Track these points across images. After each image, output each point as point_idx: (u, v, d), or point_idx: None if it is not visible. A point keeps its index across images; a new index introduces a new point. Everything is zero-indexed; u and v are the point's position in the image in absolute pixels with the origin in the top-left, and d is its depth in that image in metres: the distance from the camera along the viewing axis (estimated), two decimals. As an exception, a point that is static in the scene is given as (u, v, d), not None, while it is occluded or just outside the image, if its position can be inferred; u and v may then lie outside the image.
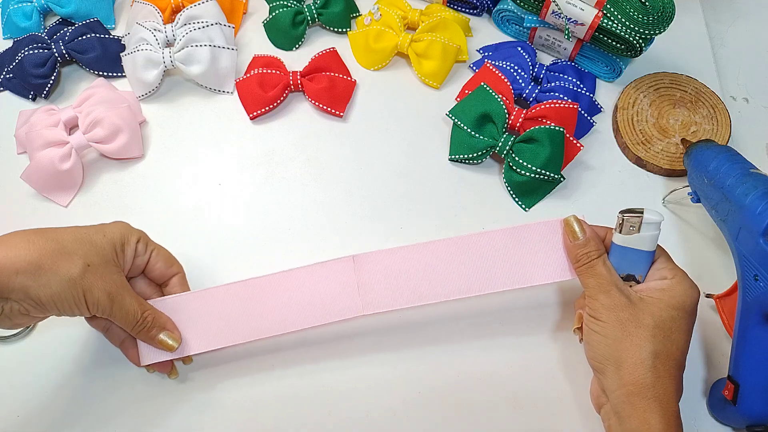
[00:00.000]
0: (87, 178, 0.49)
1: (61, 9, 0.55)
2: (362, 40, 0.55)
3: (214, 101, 0.53)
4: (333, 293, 0.39)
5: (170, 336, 0.38)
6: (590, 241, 0.37)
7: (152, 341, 0.38)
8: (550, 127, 0.46)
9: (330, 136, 0.52)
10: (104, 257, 0.36)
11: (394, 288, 0.39)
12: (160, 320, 0.38)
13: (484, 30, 0.57)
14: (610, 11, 0.48)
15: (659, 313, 0.35)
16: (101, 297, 0.35)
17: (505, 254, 0.39)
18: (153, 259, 0.39)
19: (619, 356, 0.35)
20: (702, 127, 0.51)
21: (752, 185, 0.38)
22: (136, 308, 0.37)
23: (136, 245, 0.38)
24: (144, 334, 0.38)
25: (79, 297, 0.34)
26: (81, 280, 0.34)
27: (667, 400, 0.34)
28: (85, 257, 0.34)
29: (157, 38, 0.51)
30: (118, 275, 0.36)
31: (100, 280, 0.35)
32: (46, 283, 0.33)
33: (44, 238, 0.34)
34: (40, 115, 0.49)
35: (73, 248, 0.34)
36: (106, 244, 0.36)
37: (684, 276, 0.37)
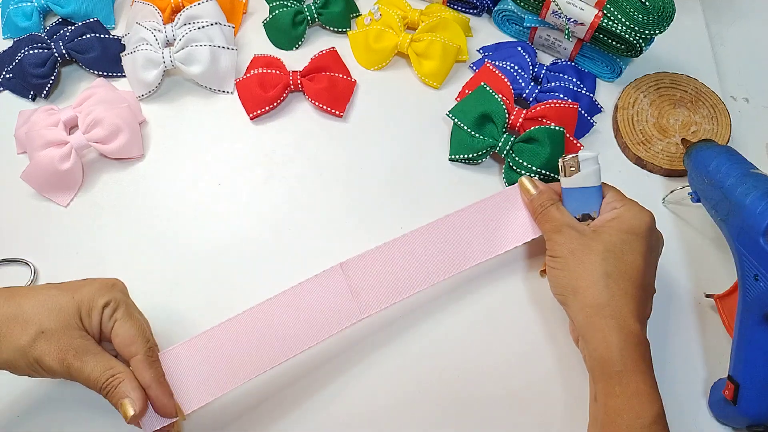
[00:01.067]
0: (87, 178, 0.49)
1: (60, 9, 0.55)
2: (362, 40, 0.55)
3: (214, 101, 0.53)
4: (329, 305, 0.39)
5: (130, 403, 0.34)
6: (543, 193, 0.42)
7: (117, 408, 0.34)
8: (550, 127, 0.46)
9: (330, 136, 0.52)
10: (64, 322, 0.34)
11: (385, 284, 0.40)
12: (128, 385, 0.34)
13: (484, 30, 0.57)
14: (610, 11, 0.48)
15: (608, 238, 0.37)
16: (53, 364, 0.33)
17: (478, 227, 0.43)
18: (113, 332, 0.35)
19: (575, 283, 0.37)
20: (702, 126, 0.51)
21: (752, 185, 0.38)
22: (98, 374, 0.34)
23: (103, 310, 0.35)
24: (112, 400, 0.34)
25: (32, 364, 0.33)
26: (30, 348, 0.33)
27: (624, 318, 0.35)
28: (40, 324, 0.33)
29: (157, 38, 0.51)
30: (79, 339, 0.34)
31: (53, 347, 0.33)
32: (0, 350, 0.33)
33: (6, 302, 0.34)
34: (40, 115, 0.49)
35: (30, 314, 0.33)
36: (71, 307, 0.34)
37: (633, 204, 0.39)
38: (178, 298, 0.44)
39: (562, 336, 0.43)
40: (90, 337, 0.35)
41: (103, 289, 0.35)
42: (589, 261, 0.37)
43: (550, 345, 0.43)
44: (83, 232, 0.47)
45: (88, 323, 0.35)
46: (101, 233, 0.47)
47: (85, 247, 0.47)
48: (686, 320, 0.44)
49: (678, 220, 0.48)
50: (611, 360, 0.35)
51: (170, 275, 0.45)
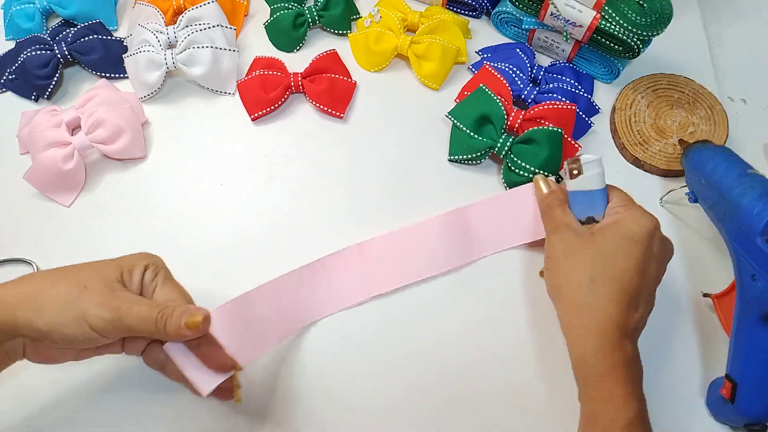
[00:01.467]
0: (89, 178, 0.50)
1: (63, 10, 0.55)
2: (362, 42, 0.55)
3: (216, 102, 0.54)
4: (345, 280, 0.43)
5: (193, 315, 0.33)
6: (552, 193, 0.42)
7: (179, 333, 0.33)
8: (549, 128, 0.47)
9: (330, 137, 0.52)
10: (105, 279, 0.34)
11: (397, 267, 0.44)
12: (185, 306, 0.34)
13: (483, 32, 0.58)
14: (608, 13, 0.48)
15: (603, 241, 0.37)
16: (103, 313, 0.32)
17: (491, 220, 0.45)
18: (155, 295, 0.35)
19: (562, 283, 0.37)
20: (699, 127, 0.51)
21: (749, 186, 0.38)
22: (149, 309, 0.33)
23: (144, 271, 0.36)
24: (173, 332, 0.33)
25: (79, 318, 0.32)
26: (77, 300, 0.32)
27: (603, 323, 0.34)
28: (82, 281, 0.33)
29: (159, 40, 0.52)
30: (122, 292, 0.34)
31: (98, 297, 0.33)
32: (44, 311, 0.32)
33: (47, 273, 0.34)
34: (43, 116, 0.49)
35: (71, 275, 0.34)
36: (112, 268, 0.35)
37: (636, 208, 0.39)
38: (180, 298, 0.45)
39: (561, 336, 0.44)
40: (133, 293, 0.35)
41: (143, 255, 0.37)
42: (579, 263, 0.37)
43: (550, 344, 0.43)
44: (86, 231, 0.47)
45: (128, 282, 0.35)
46: (103, 233, 0.47)
47: (87, 246, 0.47)
48: (684, 320, 0.44)
49: (675, 220, 0.48)
50: (587, 363, 0.34)
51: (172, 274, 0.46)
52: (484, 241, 0.46)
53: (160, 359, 0.37)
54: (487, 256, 0.46)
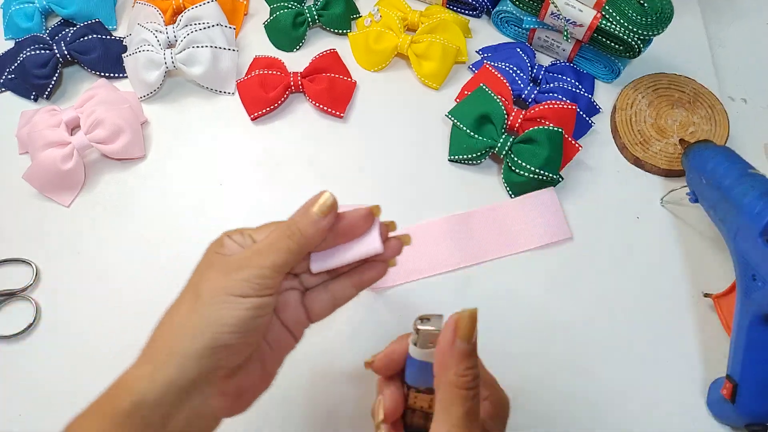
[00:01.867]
0: (89, 178, 0.49)
1: (62, 10, 0.55)
2: (362, 41, 0.55)
3: (216, 102, 0.53)
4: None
5: (316, 201, 0.29)
6: (475, 353, 0.27)
7: (317, 227, 0.29)
8: (549, 127, 0.47)
9: (330, 137, 0.52)
10: (206, 265, 0.30)
11: (435, 254, 0.45)
12: (298, 212, 0.30)
13: (484, 31, 0.58)
14: (609, 12, 0.48)
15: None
16: (240, 275, 0.27)
17: (494, 226, 0.47)
18: (257, 237, 0.31)
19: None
20: (700, 127, 0.51)
21: (750, 185, 0.38)
22: (274, 234, 0.29)
23: (231, 239, 0.31)
24: (311, 230, 0.29)
25: (223, 299, 0.27)
26: (205, 293, 0.28)
27: None
28: (191, 289, 0.29)
29: (159, 39, 0.52)
30: (233, 255, 0.29)
31: (215, 275, 0.28)
32: (187, 331, 0.27)
33: (157, 330, 0.30)
34: (42, 116, 0.49)
35: (175, 306, 0.30)
36: (204, 262, 0.30)
37: (497, 392, 0.31)
38: (179, 298, 0.45)
39: (560, 336, 0.44)
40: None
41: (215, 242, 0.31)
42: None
43: (550, 344, 0.43)
44: (85, 231, 0.47)
45: (223, 251, 0.30)
46: (103, 233, 0.47)
47: (86, 246, 0.47)
48: (685, 320, 0.44)
49: (676, 220, 0.48)
50: None
51: (170, 275, 0.45)
52: (489, 245, 0.46)
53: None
54: (489, 260, 0.46)
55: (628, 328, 0.44)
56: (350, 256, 0.30)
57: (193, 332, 0.27)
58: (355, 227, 0.30)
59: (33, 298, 0.45)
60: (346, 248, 0.30)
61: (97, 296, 0.45)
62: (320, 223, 0.29)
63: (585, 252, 0.47)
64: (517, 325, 0.44)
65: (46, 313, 0.44)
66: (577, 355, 0.43)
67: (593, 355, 0.43)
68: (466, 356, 0.26)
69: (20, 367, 0.43)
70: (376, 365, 0.31)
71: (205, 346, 0.27)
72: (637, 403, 0.42)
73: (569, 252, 0.47)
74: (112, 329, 0.44)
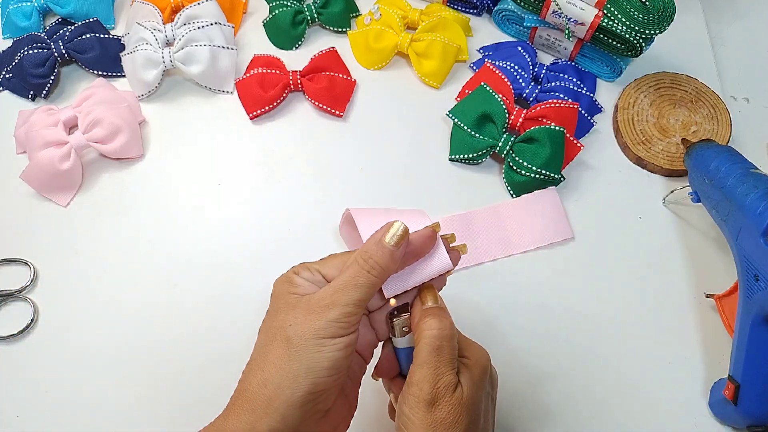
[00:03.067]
0: (86, 178, 0.49)
1: (60, 9, 0.55)
2: (362, 40, 0.55)
3: (214, 101, 0.53)
4: None
5: (386, 231, 0.29)
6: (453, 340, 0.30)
7: (393, 258, 0.29)
8: (551, 127, 0.46)
9: (330, 136, 0.51)
10: (285, 305, 0.29)
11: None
12: (370, 240, 0.30)
13: (485, 30, 0.57)
14: (611, 11, 0.48)
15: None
16: (325, 315, 0.28)
17: (525, 220, 0.46)
18: (325, 272, 0.31)
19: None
20: (702, 126, 0.51)
21: (752, 185, 0.38)
22: (352, 269, 0.29)
23: (300, 275, 0.31)
24: (386, 260, 0.29)
25: (314, 343, 0.27)
26: (294, 335, 0.28)
27: None
28: (275, 331, 0.29)
29: (157, 38, 0.51)
30: (314, 294, 0.29)
31: (301, 315, 0.28)
32: (286, 381, 0.27)
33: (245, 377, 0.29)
34: (40, 115, 0.49)
35: (258, 347, 0.30)
36: (277, 295, 0.31)
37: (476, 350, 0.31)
38: (178, 298, 0.44)
39: (562, 336, 0.43)
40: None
41: (281, 278, 0.32)
42: None
43: (550, 344, 0.43)
44: (83, 231, 0.47)
45: (296, 290, 0.30)
46: (101, 233, 0.47)
47: (84, 246, 0.46)
48: (687, 320, 0.44)
49: (678, 220, 0.48)
50: None
51: (169, 275, 0.45)
52: (490, 245, 0.46)
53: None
54: (490, 260, 0.46)
55: (630, 328, 0.44)
56: (422, 277, 0.31)
57: (293, 380, 0.27)
58: (422, 248, 0.31)
59: (31, 299, 0.44)
60: (416, 269, 0.31)
61: (96, 296, 0.45)
62: (396, 254, 0.29)
63: (587, 252, 0.46)
64: (519, 325, 0.44)
65: (44, 314, 0.44)
66: (578, 355, 0.43)
67: (595, 355, 0.43)
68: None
69: (18, 368, 0.42)
70: (379, 372, 0.32)
71: (306, 392, 0.27)
72: (638, 404, 0.41)
73: (571, 252, 0.46)
74: (110, 329, 0.43)
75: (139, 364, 0.42)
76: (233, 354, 0.42)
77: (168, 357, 0.42)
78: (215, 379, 0.42)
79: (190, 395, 0.41)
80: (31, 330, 0.43)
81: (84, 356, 0.43)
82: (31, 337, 0.43)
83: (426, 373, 0.28)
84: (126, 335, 0.43)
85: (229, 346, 0.43)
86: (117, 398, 0.41)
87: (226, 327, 0.43)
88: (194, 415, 0.41)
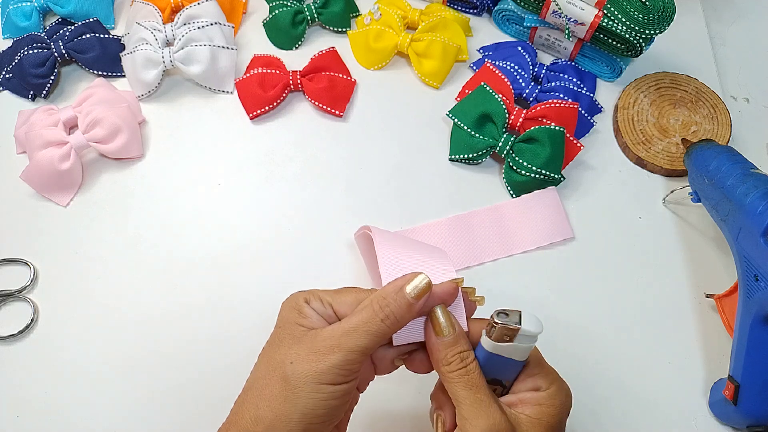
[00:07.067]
0: (86, 178, 0.49)
1: (60, 9, 0.55)
2: (362, 40, 0.55)
3: (214, 101, 0.53)
4: None
5: (413, 282, 0.29)
6: (461, 339, 0.29)
7: (411, 311, 0.28)
8: (551, 126, 0.46)
9: (330, 136, 0.51)
10: (289, 336, 0.29)
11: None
12: (389, 287, 0.29)
13: (485, 29, 0.57)
14: (611, 11, 0.48)
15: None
16: (326, 360, 0.27)
17: (524, 220, 0.46)
18: (337, 307, 0.30)
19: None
20: (702, 126, 0.51)
21: (753, 185, 0.38)
22: (363, 314, 0.28)
23: (309, 304, 0.30)
24: (405, 312, 0.28)
25: (312, 387, 0.27)
26: (291, 373, 0.27)
27: None
28: (274, 361, 0.28)
29: (157, 38, 0.51)
30: (318, 330, 0.29)
31: (304, 352, 0.28)
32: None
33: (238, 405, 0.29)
34: (40, 115, 0.49)
35: (256, 375, 0.29)
36: (281, 329, 0.30)
37: (559, 386, 0.31)
38: (177, 299, 0.44)
39: (562, 336, 0.43)
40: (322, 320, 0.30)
41: (289, 300, 0.31)
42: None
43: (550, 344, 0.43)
44: (83, 231, 0.47)
45: (307, 323, 0.29)
46: (100, 233, 0.47)
47: (84, 246, 0.46)
48: (686, 320, 0.44)
49: (678, 220, 0.48)
50: None
51: (169, 275, 0.45)
52: (490, 246, 0.46)
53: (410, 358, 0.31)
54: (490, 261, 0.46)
55: (630, 328, 0.44)
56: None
57: (287, 423, 0.27)
58: (442, 302, 0.30)
59: (31, 299, 0.44)
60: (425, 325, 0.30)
61: (95, 296, 0.44)
62: (414, 307, 0.28)
63: (587, 252, 0.46)
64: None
65: (44, 314, 0.44)
66: (578, 355, 0.43)
67: (594, 355, 0.43)
68: (448, 346, 0.29)
69: (18, 368, 0.42)
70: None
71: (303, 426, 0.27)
72: (638, 403, 0.41)
73: (571, 252, 0.46)
74: (110, 329, 0.43)
75: (138, 364, 0.42)
76: (233, 354, 0.42)
77: (168, 357, 0.42)
78: (215, 379, 0.42)
79: (190, 394, 0.41)
80: (31, 330, 0.43)
81: (84, 356, 0.43)
82: (31, 337, 0.43)
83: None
84: (126, 335, 0.43)
85: (229, 347, 0.43)
86: (117, 398, 0.41)
87: (225, 327, 0.43)
88: (194, 414, 0.41)
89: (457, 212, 0.48)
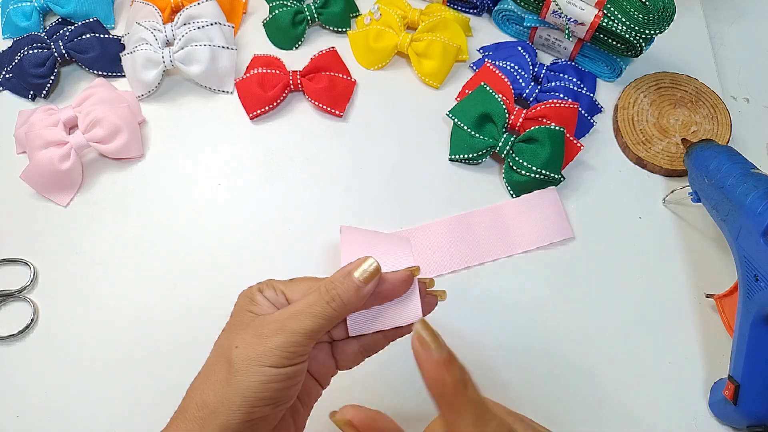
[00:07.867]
0: (86, 178, 0.49)
1: (60, 9, 0.55)
2: (362, 40, 0.55)
3: (214, 101, 0.53)
4: None
5: (360, 265, 0.28)
6: (455, 362, 0.25)
7: (360, 295, 0.28)
8: (551, 126, 0.46)
9: (330, 136, 0.51)
10: (237, 323, 0.29)
11: (437, 257, 0.45)
12: (338, 273, 0.28)
13: (485, 29, 0.57)
14: (611, 11, 0.48)
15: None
16: (271, 342, 0.26)
17: (524, 220, 0.46)
18: (290, 295, 0.30)
19: None
20: (702, 126, 0.51)
21: (752, 185, 0.38)
22: (311, 298, 0.28)
23: (262, 293, 0.30)
24: (353, 296, 0.28)
25: (256, 370, 0.26)
26: (236, 357, 0.27)
27: None
28: (221, 347, 0.28)
29: (157, 38, 0.51)
30: (265, 316, 0.28)
31: (249, 338, 0.27)
32: (221, 408, 0.26)
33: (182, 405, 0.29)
34: (40, 115, 0.49)
35: (206, 366, 0.29)
36: (235, 317, 0.29)
37: None
38: (177, 299, 0.44)
39: (562, 336, 0.43)
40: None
41: (246, 291, 0.30)
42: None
43: (551, 344, 0.43)
44: (83, 231, 0.47)
45: (257, 309, 0.29)
46: (100, 233, 0.47)
47: (84, 246, 0.46)
48: (686, 320, 0.44)
49: (678, 220, 0.48)
50: None
51: (169, 275, 0.45)
52: (490, 246, 0.46)
53: (367, 342, 0.30)
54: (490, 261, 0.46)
55: (630, 328, 0.44)
56: (389, 323, 0.30)
57: (229, 406, 0.26)
58: (395, 291, 0.29)
59: (31, 299, 0.44)
60: (386, 312, 0.30)
61: (95, 296, 0.44)
62: (362, 291, 0.28)
63: (587, 252, 0.46)
64: (519, 325, 0.44)
65: (44, 314, 0.44)
66: (579, 356, 0.43)
67: (595, 356, 0.43)
68: (442, 366, 0.25)
69: (18, 368, 0.42)
70: (352, 421, 0.26)
71: (241, 420, 0.26)
72: (638, 404, 0.41)
73: (571, 252, 0.46)
74: (110, 329, 0.43)
75: (138, 363, 0.42)
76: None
77: (168, 357, 0.42)
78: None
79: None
80: (31, 330, 0.43)
81: (84, 356, 0.42)
82: (31, 337, 0.43)
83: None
84: (126, 335, 0.43)
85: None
86: (117, 398, 0.41)
87: (226, 327, 0.43)
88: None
89: (457, 212, 0.48)
